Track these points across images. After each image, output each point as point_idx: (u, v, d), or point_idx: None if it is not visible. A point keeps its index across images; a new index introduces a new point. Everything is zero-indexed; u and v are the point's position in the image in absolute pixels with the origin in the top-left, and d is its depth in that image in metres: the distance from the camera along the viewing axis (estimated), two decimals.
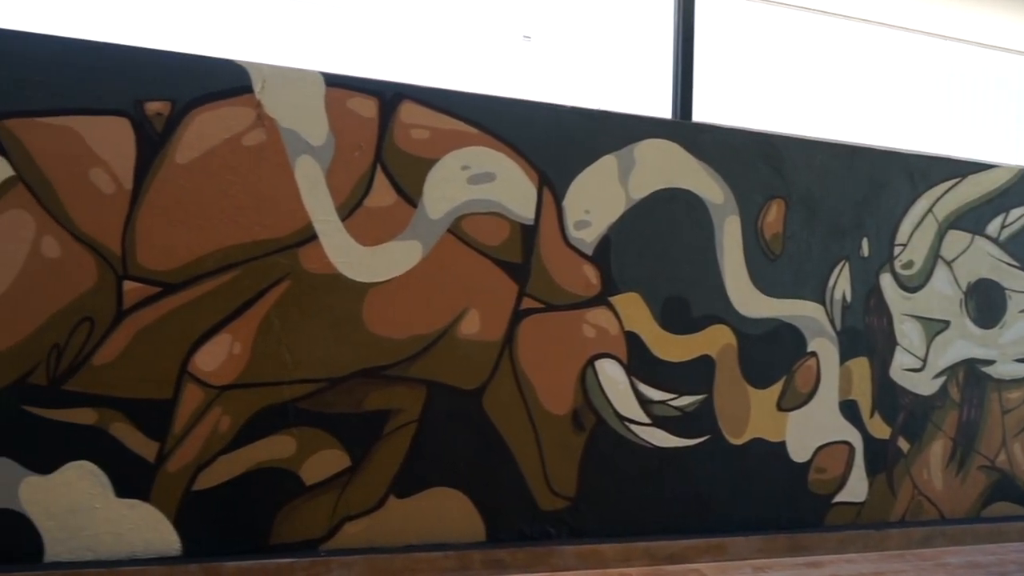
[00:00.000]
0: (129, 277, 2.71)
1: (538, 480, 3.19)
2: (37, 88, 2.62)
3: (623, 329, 3.30)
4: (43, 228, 2.63)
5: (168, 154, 2.75)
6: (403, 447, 3.03)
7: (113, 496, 2.71)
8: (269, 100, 2.85)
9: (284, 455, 2.88)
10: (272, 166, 2.86)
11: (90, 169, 2.67)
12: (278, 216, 2.87)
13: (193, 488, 2.79)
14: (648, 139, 3.37)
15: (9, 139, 2.60)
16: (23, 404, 2.62)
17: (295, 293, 2.88)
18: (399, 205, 3.01)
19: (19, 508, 2.62)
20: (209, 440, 2.80)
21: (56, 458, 2.65)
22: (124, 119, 2.71)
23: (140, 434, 2.73)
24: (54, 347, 2.64)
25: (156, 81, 2.74)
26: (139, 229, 2.72)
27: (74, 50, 2.68)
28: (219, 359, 2.81)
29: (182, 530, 2.77)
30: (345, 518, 2.95)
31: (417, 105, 3.04)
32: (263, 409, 2.87)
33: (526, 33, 5.01)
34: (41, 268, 2.62)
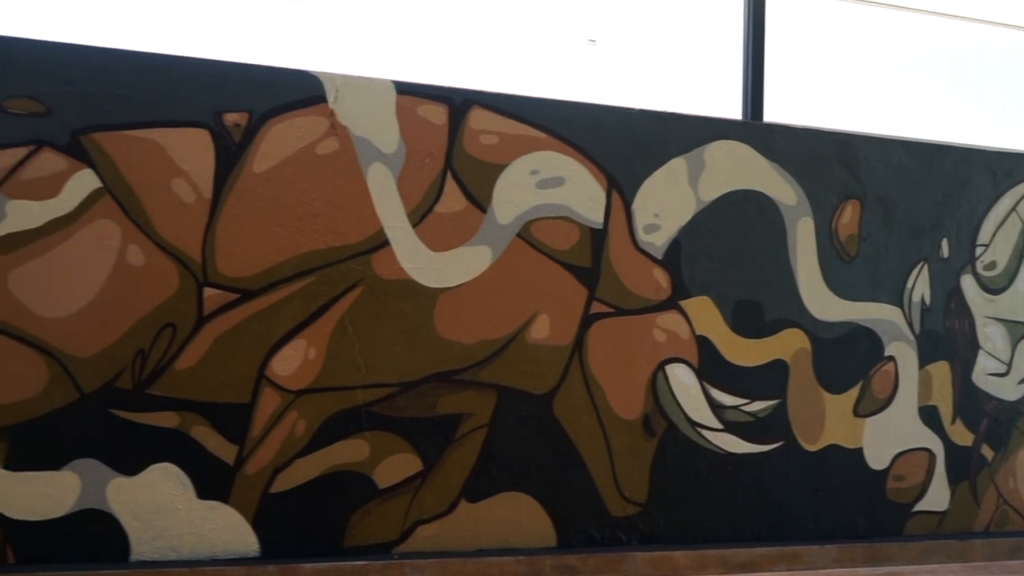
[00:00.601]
0: (209, 284, 2.78)
1: (609, 485, 3.17)
2: (122, 103, 2.71)
3: (694, 333, 3.26)
4: (129, 237, 2.71)
5: (245, 164, 2.82)
6: (474, 451, 3.04)
7: (195, 497, 2.78)
8: (342, 109, 2.90)
9: (358, 458, 2.92)
10: (345, 174, 2.91)
11: (172, 179, 2.74)
12: (351, 223, 2.91)
13: (271, 490, 2.84)
14: (718, 140, 3.33)
15: (97, 152, 2.69)
16: (110, 408, 2.71)
17: (368, 299, 2.92)
18: (469, 211, 3.03)
19: (107, 508, 2.71)
20: (286, 443, 2.85)
21: (141, 460, 2.73)
22: (204, 131, 2.78)
23: (220, 437, 2.80)
24: (139, 352, 2.72)
25: (234, 93, 2.81)
26: (218, 237, 2.79)
27: (156, 65, 2.77)
28: (295, 364, 2.86)
29: (260, 531, 2.83)
30: (417, 522, 2.98)
31: (486, 111, 3.05)
32: (337, 413, 2.91)
33: (591, 36, 5.00)
34: (127, 276, 2.71)
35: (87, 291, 2.70)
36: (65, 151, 2.69)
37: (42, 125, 2.67)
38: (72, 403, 2.70)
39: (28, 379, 2.65)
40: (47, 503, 2.68)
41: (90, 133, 2.71)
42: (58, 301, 2.68)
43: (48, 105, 2.67)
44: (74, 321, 2.69)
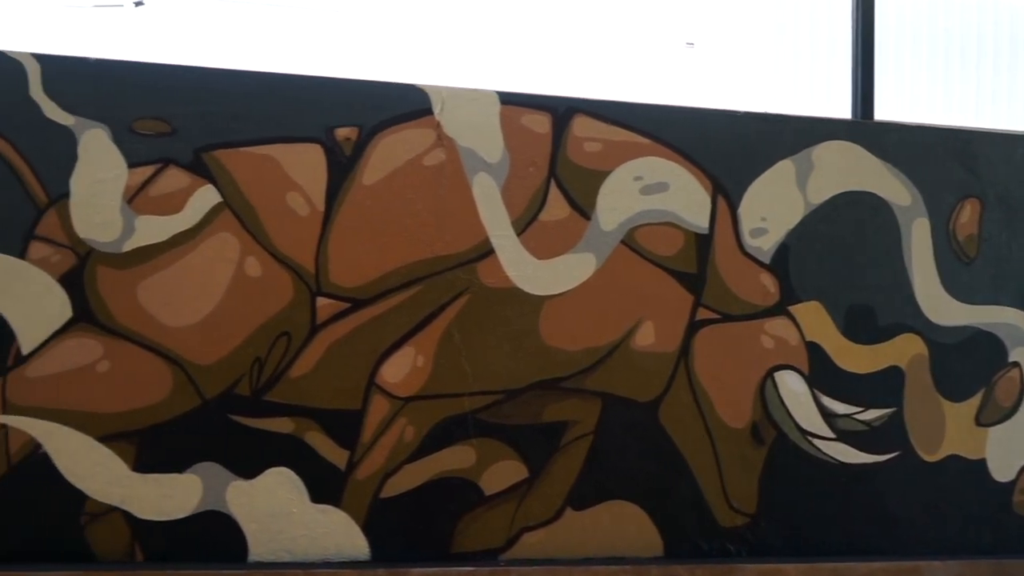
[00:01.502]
0: (322, 294, 2.86)
1: (716, 495, 3.11)
2: (241, 121, 2.82)
3: (804, 339, 3.18)
4: (247, 249, 2.82)
5: (356, 176, 2.89)
6: (579, 459, 3.03)
7: (308, 501, 2.86)
8: (448, 121, 2.95)
9: (465, 465, 2.95)
10: (451, 184, 2.95)
11: (287, 193, 2.84)
12: (457, 232, 2.95)
13: (381, 495, 2.90)
14: (827, 141, 3.24)
15: (217, 168, 2.81)
16: (229, 413, 2.81)
17: (474, 307, 2.95)
18: (573, 218, 3.03)
19: (226, 510, 2.81)
20: (395, 449, 2.91)
21: (258, 464, 2.83)
22: (317, 145, 2.87)
23: (332, 443, 2.87)
24: (256, 360, 2.82)
25: (344, 108, 2.89)
26: (331, 248, 2.87)
27: (272, 84, 2.87)
28: (404, 371, 2.91)
29: (370, 535, 2.89)
30: (523, 528, 2.99)
31: (589, 118, 3.06)
32: (445, 420, 2.95)
33: (689, 39, 4.95)
34: (245, 286, 2.82)
35: (208, 301, 2.81)
36: (188, 168, 2.82)
37: (168, 144, 2.81)
38: (194, 409, 2.81)
39: (155, 385, 2.78)
40: (172, 504, 2.80)
41: (211, 151, 2.82)
42: (182, 311, 2.80)
43: (173, 125, 2.81)
44: (197, 330, 2.81)
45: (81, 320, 2.76)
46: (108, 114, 2.80)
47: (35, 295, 2.73)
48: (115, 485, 2.77)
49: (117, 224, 2.78)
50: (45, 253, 2.75)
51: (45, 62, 2.79)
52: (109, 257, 2.78)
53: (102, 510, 2.76)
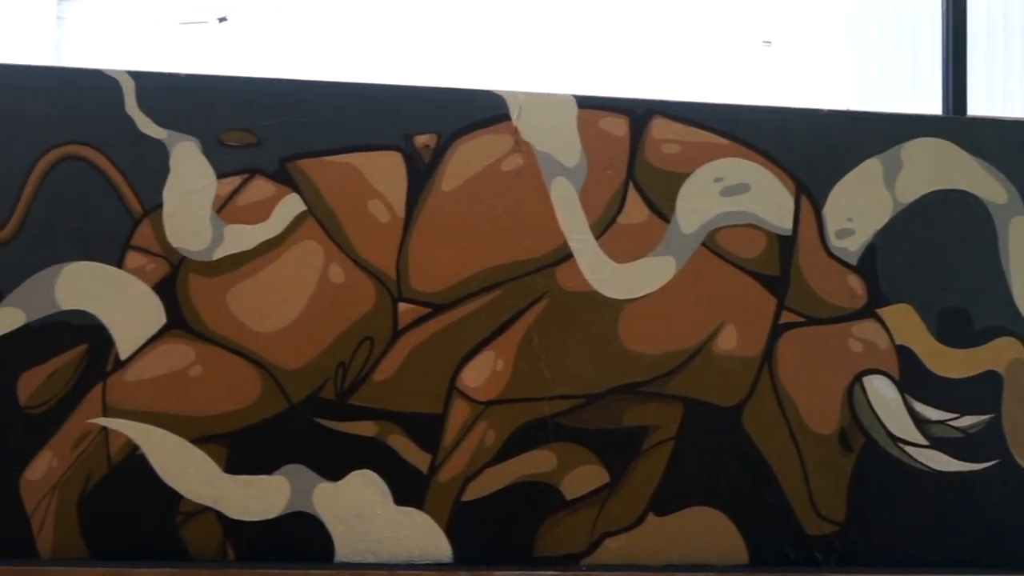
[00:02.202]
0: (403, 299, 2.90)
1: (803, 502, 3.04)
2: (324, 131, 2.89)
3: (894, 343, 3.08)
4: (330, 256, 2.88)
5: (435, 183, 2.92)
6: (661, 465, 3.00)
7: (392, 503, 2.90)
8: (525, 126, 2.95)
9: (545, 469, 2.95)
10: (529, 189, 2.96)
11: (369, 201, 2.89)
12: (535, 237, 2.95)
13: (463, 498, 2.91)
14: (917, 138, 3.13)
15: (301, 178, 2.88)
16: (315, 416, 2.87)
17: (553, 311, 2.95)
18: (652, 221, 3.01)
19: (313, 511, 2.87)
20: (476, 453, 2.92)
21: (343, 466, 2.88)
22: (396, 153, 2.91)
23: (414, 446, 2.90)
24: (340, 364, 2.87)
25: (423, 116, 2.93)
26: (411, 254, 2.90)
27: (353, 94, 2.93)
28: (484, 375, 2.93)
29: (453, 538, 2.91)
30: (605, 534, 2.97)
31: (668, 120, 3.02)
32: (525, 424, 2.95)
33: (766, 38, 4.85)
34: (328, 293, 2.87)
35: (294, 307, 2.88)
36: (274, 178, 2.89)
37: (254, 155, 2.89)
38: (281, 412, 2.88)
39: (245, 389, 2.86)
40: (261, 505, 2.87)
41: (296, 160, 2.89)
42: (269, 317, 2.88)
43: (259, 136, 2.89)
44: (283, 335, 2.88)
45: (174, 326, 2.86)
46: (198, 127, 2.89)
47: (132, 303, 2.84)
48: (208, 486, 2.85)
49: (207, 233, 2.87)
50: (140, 262, 2.86)
51: (139, 79, 2.90)
52: (200, 265, 2.87)
53: (196, 510, 2.85)
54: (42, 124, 2.88)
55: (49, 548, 2.83)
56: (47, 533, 2.82)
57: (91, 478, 2.84)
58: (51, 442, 2.84)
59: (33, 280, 2.85)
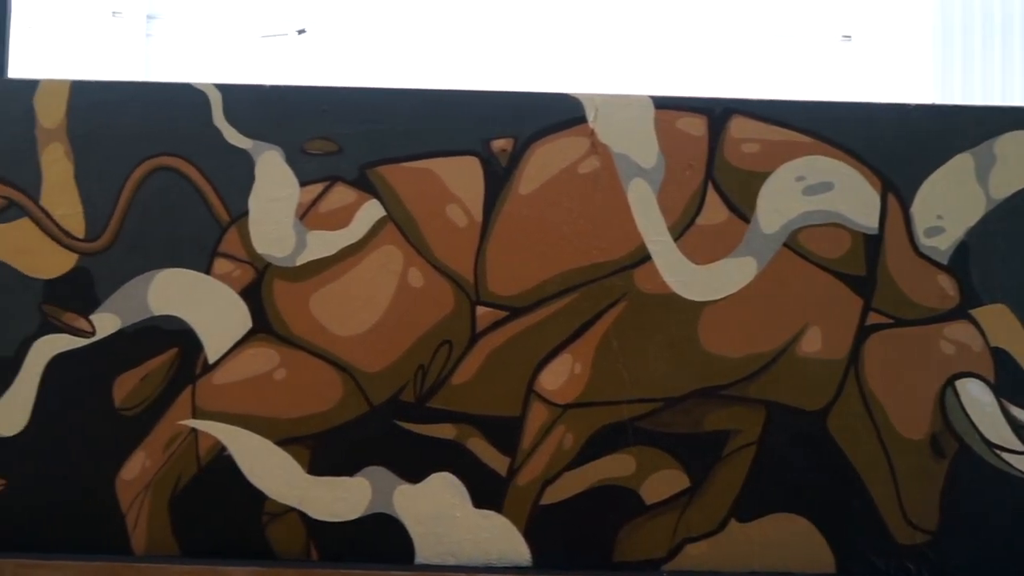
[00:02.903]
0: (481, 303, 2.92)
1: (892, 510, 2.94)
2: (403, 137, 2.93)
3: (988, 345, 2.96)
4: (409, 261, 2.91)
5: (512, 187, 2.93)
6: (743, 470, 2.94)
7: (471, 506, 2.91)
8: (602, 128, 2.94)
9: (624, 473, 2.93)
10: (606, 191, 2.94)
11: (447, 205, 2.92)
12: (613, 239, 2.94)
13: (541, 502, 2.91)
14: (1012, 132, 3.00)
15: (381, 184, 2.92)
16: (395, 419, 2.90)
17: (631, 313, 2.93)
18: (732, 221, 2.96)
19: (394, 513, 2.90)
20: (555, 456, 2.92)
21: (423, 469, 2.91)
22: (473, 158, 2.93)
23: (493, 449, 2.91)
24: (419, 368, 2.90)
25: (500, 120, 2.94)
26: (489, 257, 2.92)
27: (431, 101, 2.97)
28: (562, 378, 2.92)
29: (532, 541, 2.91)
30: (686, 540, 2.93)
31: (747, 119, 2.97)
32: (604, 428, 2.93)
33: (845, 33, 4.73)
34: (408, 297, 2.91)
35: (375, 311, 2.93)
36: (354, 185, 2.95)
37: (335, 162, 2.95)
38: (363, 415, 2.93)
39: (327, 392, 2.91)
40: (343, 506, 2.92)
41: (375, 167, 2.94)
42: (350, 321, 2.93)
43: (340, 144, 2.95)
44: (364, 339, 2.93)
45: (260, 331, 2.94)
46: (281, 136, 2.97)
47: (219, 308, 2.93)
48: (292, 487, 2.92)
49: (290, 239, 2.94)
50: (227, 268, 2.95)
51: (225, 91, 2.99)
52: (284, 271, 2.94)
53: (280, 510, 2.91)
54: (135, 137, 3.00)
55: (143, 545, 2.93)
56: (141, 531, 2.92)
57: (181, 478, 2.93)
58: (144, 443, 2.94)
59: (127, 287, 2.96)
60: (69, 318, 2.95)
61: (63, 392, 2.94)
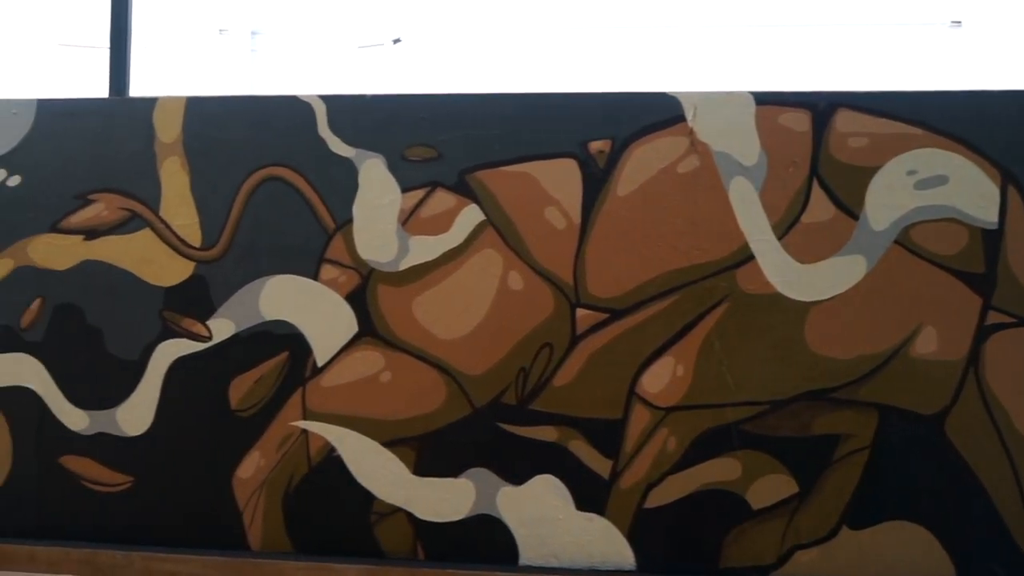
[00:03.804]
0: (581, 305, 2.92)
1: (1017, 517, 2.80)
2: (501, 142, 2.96)
3: None
4: (509, 264, 2.94)
5: (610, 188, 2.92)
6: (855, 475, 2.85)
7: (573, 508, 2.91)
8: (701, 126, 2.90)
9: (730, 477, 2.88)
10: (706, 190, 2.90)
11: (545, 208, 2.93)
12: (714, 239, 2.89)
13: (645, 505, 2.89)
14: None
15: (480, 188, 2.96)
16: (497, 421, 2.93)
17: (734, 314, 2.88)
18: (839, 218, 2.87)
19: (497, 514, 2.93)
20: (658, 460, 2.89)
21: (526, 471, 2.93)
22: (571, 160, 2.94)
23: (595, 451, 2.91)
24: (521, 370, 2.92)
25: (597, 122, 2.94)
26: (588, 260, 2.92)
27: (528, 104, 2.98)
28: (664, 381, 2.89)
29: (635, 545, 2.89)
30: (795, 546, 2.86)
31: (853, 112, 2.88)
32: (707, 431, 2.89)
33: (955, 18, 4.52)
34: (508, 300, 2.93)
35: (476, 315, 2.96)
36: (454, 190, 2.99)
37: (435, 168, 3.00)
38: (466, 417, 2.97)
39: (431, 394, 2.97)
40: (447, 507, 2.97)
41: (474, 172, 2.98)
42: (452, 324, 2.98)
43: (439, 150, 3.00)
44: (466, 342, 2.97)
45: (365, 334, 3.02)
46: (383, 144, 3.04)
47: (327, 313, 3.02)
48: (398, 487, 2.98)
49: (393, 245, 3.01)
50: (334, 274, 3.04)
51: (329, 102, 3.09)
52: (388, 276, 3.01)
53: (388, 510, 2.98)
54: (245, 149, 3.12)
55: (259, 542, 3.05)
56: (256, 528, 3.04)
57: (294, 477, 3.04)
58: (258, 443, 3.06)
59: (240, 293, 3.09)
60: (188, 324, 3.09)
61: (183, 394, 3.09)
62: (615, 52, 3.68)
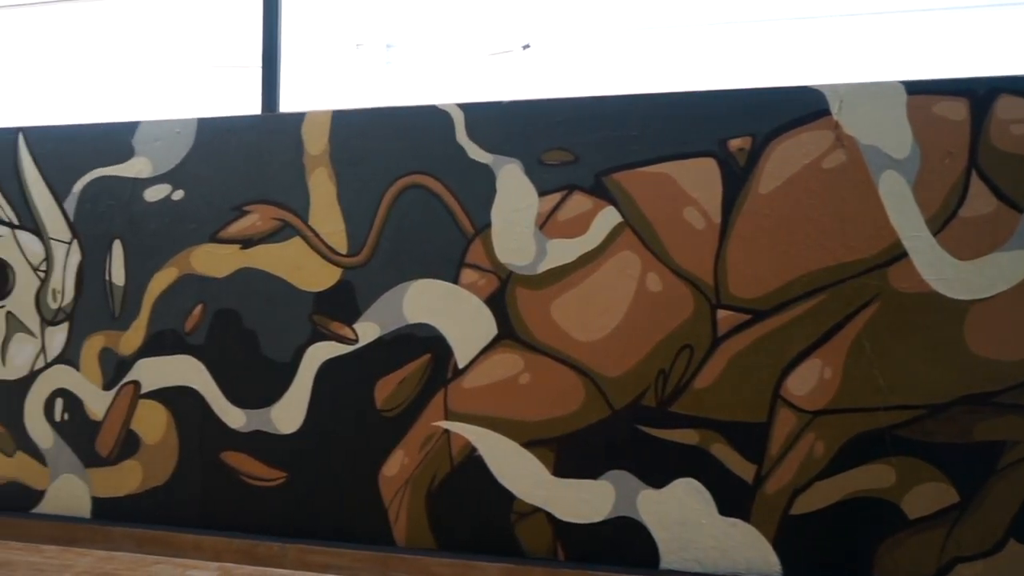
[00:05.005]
0: (722, 306, 2.86)
1: None
2: (637, 143, 2.95)
3: None
4: (647, 266, 2.92)
5: (751, 186, 2.86)
6: (1022, 485, 2.67)
7: (716, 513, 2.86)
8: (848, 119, 2.80)
9: (882, 485, 2.76)
10: (853, 185, 2.79)
11: (684, 208, 2.89)
12: (863, 236, 2.78)
13: (791, 512, 2.80)
14: None
15: (617, 190, 2.95)
16: (636, 423, 2.92)
17: (886, 314, 2.76)
18: (1001, 212, 2.71)
19: (637, 517, 2.92)
20: (804, 465, 2.80)
21: (666, 474, 2.90)
22: (710, 159, 2.89)
23: (738, 456, 2.85)
24: (660, 372, 2.90)
25: (736, 119, 2.88)
26: (729, 260, 2.86)
27: (664, 104, 2.96)
28: (810, 384, 2.80)
29: (781, 552, 2.81)
30: (956, 559, 2.70)
31: (1017, 98, 2.71)
32: (858, 436, 2.78)
33: None
34: (647, 301, 2.92)
35: (614, 317, 2.96)
36: (591, 192, 3.00)
37: (571, 171, 3.02)
38: (605, 419, 2.97)
39: (570, 396, 2.98)
40: (587, 508, 2.98)
41: (611, 174, 2.98)
42: (590, 326, 2.98)
43: (576, 153, 3.01)
44: (604, 344, 2.97)
45: (504, 337, 3.07)
46: (520, 149, 3.08)
47: (467, 316, 3.09)
48: (538, 487, 3.01)
49: (531, 248, 3.05)
50: (473, 278, 3.10)
51: (467, 110, 3.16)
52: (526, 279, 3.05)
53: (528, 510, 3.02)
54: (387, 159, 3.24)
55: (403, 537, 3.15)
56: (401, 524, 3.14)
57: (436, 476, 3.12)
58: (402, 441, 3.16)
59: (385, 297, 3.20)
60: (336, 327, 3.23)
61: (332, 394, 3.23)
62: (750, 48, 3.59)
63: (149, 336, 3.42)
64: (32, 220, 3.60)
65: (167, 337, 3.40)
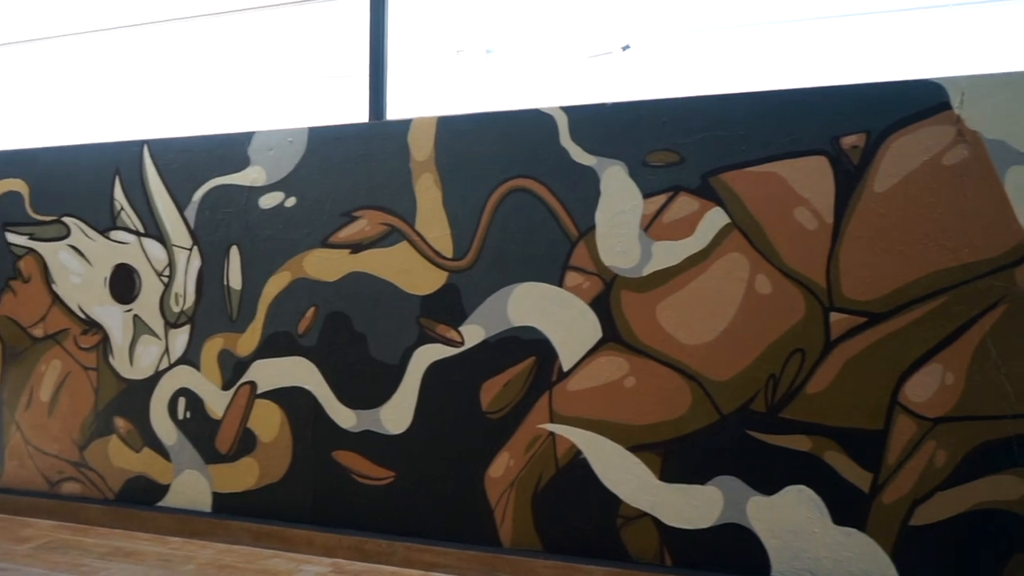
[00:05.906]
0: (835, 308, 2.78)
1: None
2: (744, 142, 2.89)
3: None
4: (756, 267, 2.86)
5: (866, 184, 2.77)
6: None
7: (830, 522, 2.77)
8: (970, 113, 2.67)
9: (1011, 497, 2.62)
10: (977, 182, 2.67)
11: (794, 208, 2.82)
12: (988, 235, 2.65)
13: (910, 523, 2.70)
14: None
15: (724, 191, 2.90)
16: (746, 429, 2.86)
17: (1014, 317, 2.62)
18: None
19: (747, 524, 2.86)
20: (924, 474, 2.69)
21: (777, 481, 2.83)
22: (822, 157, 2.81)
23: (853, 463, 2.75)
24: (770, 377, 2.83)
25: (849, 115, 2.79)
26: (842, 261, 2.78)
27: (771, 102, 2.89)
28: (931, 390, 2.69)
29: (900, 565, 2.71)
30: None
31: None
32: (982, 445, 2.65)
33: None
34: (756, 304, 2.85)
35: (721, 320, 2.91)
36: (697, 193, 2.96)
37: (677, 172, 2.98)
38: (712, 423, 2.92)
39: (677, 400, 2.95)
40: (695, 514, 2.93)
41: (717, 174, 2.93)
42: (697, 329, 2.94)
43: (681, 154, 2.98)
44: (711, 347, 2.92)
45: (609, 340, 3.05)
46: (624, 151, 3.07)
47: (572, 319, 3.10)
48: (644, 492, 2.99)
49: (636, 251, 3.03)
50: (578, 281, 3.10)
51: (570, 113, 3.16)
52: (631, 282, 3.03)
53: (634, 514, 3.00)
54: (492, 163, 3.27)
55: (509, 539, 3.17)
56: (507, 525, 3.17)
57: (542, 478, 3.14)
58: (508, 443, 3.19)
59: (490, 300, 3.24)
60: (442, 330, 3.29)
61: (438, 396, 3.29)
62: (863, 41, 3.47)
63: (264, 338, 3.56)
64: (156, 228, 3.79)
65: (281, 339, 3.53)
